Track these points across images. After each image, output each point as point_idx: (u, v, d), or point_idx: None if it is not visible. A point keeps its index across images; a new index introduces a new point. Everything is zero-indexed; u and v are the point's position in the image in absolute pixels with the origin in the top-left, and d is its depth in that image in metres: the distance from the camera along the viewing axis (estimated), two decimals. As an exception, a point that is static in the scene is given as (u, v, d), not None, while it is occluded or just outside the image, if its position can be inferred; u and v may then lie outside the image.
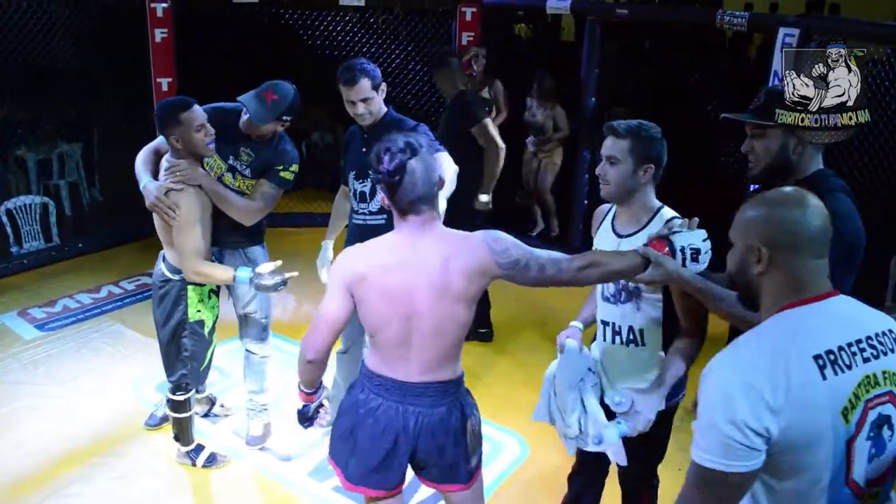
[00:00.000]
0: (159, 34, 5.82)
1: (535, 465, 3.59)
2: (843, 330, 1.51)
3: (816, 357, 1.45)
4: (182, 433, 3.45)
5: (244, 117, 3.24)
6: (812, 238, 1.53)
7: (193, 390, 3.44)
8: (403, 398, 2.22)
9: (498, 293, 5.51)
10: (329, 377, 3.73)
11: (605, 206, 2.59)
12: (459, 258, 2.11)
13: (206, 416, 3.83)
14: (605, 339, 2.54)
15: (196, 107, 3.05)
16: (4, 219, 5.56)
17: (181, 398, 3.36)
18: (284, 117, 3.21)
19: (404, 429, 2.23)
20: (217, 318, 3.35)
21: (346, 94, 3.15)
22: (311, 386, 2.40)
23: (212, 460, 3.48)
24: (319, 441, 3.68)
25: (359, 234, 3.32)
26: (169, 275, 3.21)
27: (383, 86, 3.19)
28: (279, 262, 3.17)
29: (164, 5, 5.79)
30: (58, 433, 3.68)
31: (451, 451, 2.28)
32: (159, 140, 3.30)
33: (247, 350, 3.62)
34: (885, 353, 1.53)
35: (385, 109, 3.24)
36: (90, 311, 5.00)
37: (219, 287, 3.37)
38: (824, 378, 1.44)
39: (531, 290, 5.26)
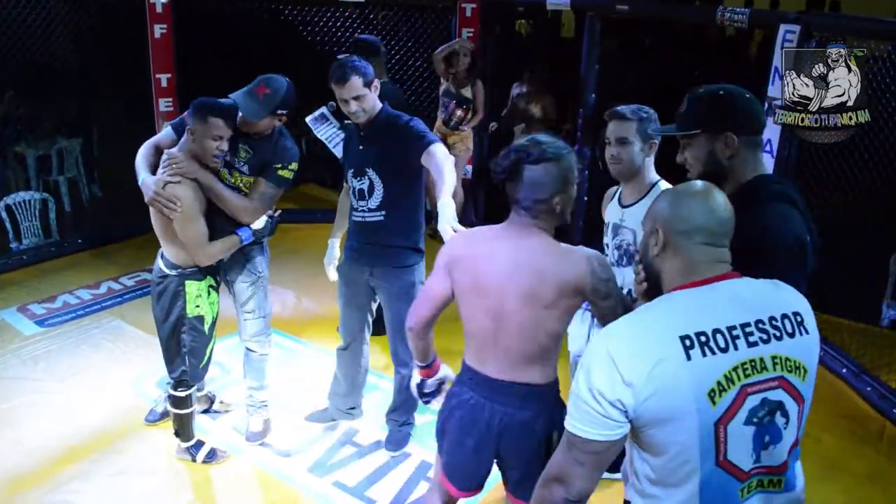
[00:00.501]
0: (158, 30, 5.82)
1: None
2: (729, 312, 1.51)
3: (683, 337, 1.46)
4: (183, 429, 3.45)
5: (241, 114, 3.20)
6: (706, 226, 1.56)
7: (195, 386, 3.44)
8: (491, 394, 2.21)
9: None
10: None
11: (615, 187, 2.92)
12: (557, 270, 2.07)
13: (205, 412, 3.82)
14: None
15: (228, 121, 3.04)
16: (4, 215, 5.55)
17: (182, 394, 3.37)
18: (279, 111, 3.17)
19: (488, 426, 2.21)
20: (217, 314, 3.35)
21: (339, 93, 3.12)
22: (421, 358, 2.43)
23: (212, 456, 3.49)
24: (319, 437, 3.69)
25: (358, 230, 3.32)
26: (167, 270, 3.21)
27: (376, 83, 3.16)
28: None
29: (164, 1, 5.78)
30: (57, 430, 3.67)
31: (533, 460, 2.17)
32: (160, 135, 3.31)
33: (246, 348, 3.62)
34: (780, 338, 1.52)
35: (380, 106, 3.21)
36: (90, 307, 4.99)
37: (219, 283, 3.37)
38: (689, 358, 1.45)
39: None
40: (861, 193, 4.43)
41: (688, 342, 1.46)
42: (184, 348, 3.28)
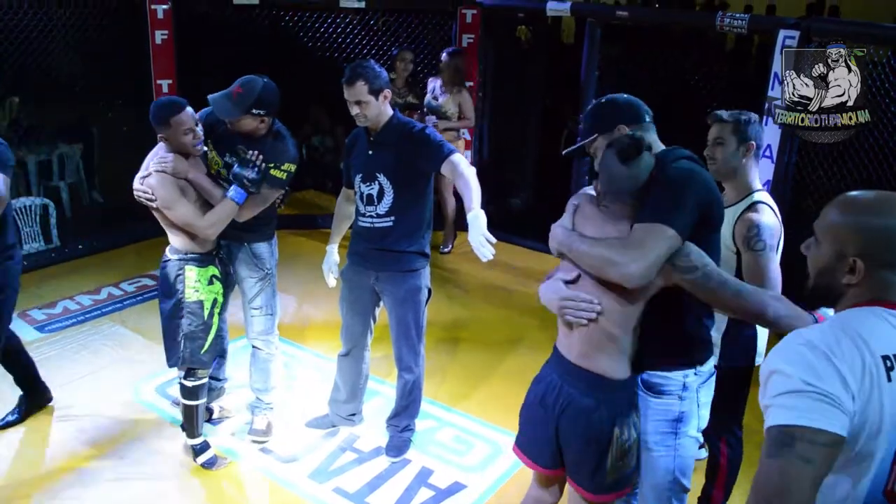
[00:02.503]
0: (160, 36, 5.83)
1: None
2: None
3: (885, 358, 1.38)
4: (189, 422, 3.44)
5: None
6: None
7: (205, 378, 3.42)
8: (564, 376, 2.31)
9: (500, 295, 5.53)
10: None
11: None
12: None
13: (207, 421, 3.82)
14: None
15: (186, 110, 3.14)
16: (4, 220, 5.54)
17: (190, 384, 3.36)
18: (255, 111, 3.20)
19: (553, 404, 2.31)
20: (221, 303, 3.37)
21: (345, 93, 3.16)
22: None
23: (211, 463, 3.48)
24: (320, 443, 3.68)
25: (365, 235, 3.32)
26: (169, 255, 3.29)
27: (386, 92, 3.16)
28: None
29: (165, 7, 5.80)
30: (57, 435, 3.67)
31: (587, 448, 2.27)
32: None
33: (253, 346, 3.64)
34: None
35: (390, 114, 3.22)
36: (90, 313, 4.99)
37: (225, 275, 3.40)
38: (889, 380, 1.36)
39: (533, 292, 5.25)
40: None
41: (888, 363, 1.38)
42: (181, 332, 3.30)
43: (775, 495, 1.30)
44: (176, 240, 3.27)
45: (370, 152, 3.24)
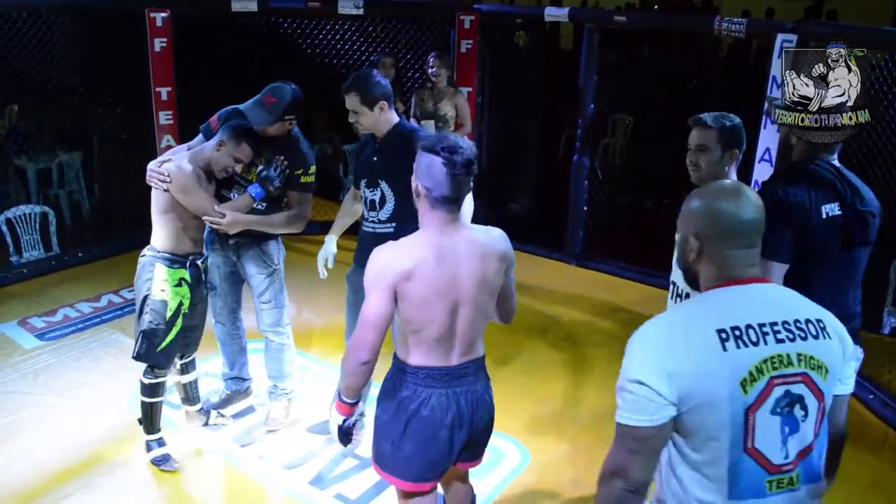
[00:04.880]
0: (158, 44, 5.83)
1: (537, 473, 3.58)
2: (759, 311, 1.64)
3: (720, 331, 1.59)
4: (146, 418, 3.48)
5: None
6: (741, 229, 1.67)
7: (164, 377, 3.45)
8: (450, 383, 2.34)
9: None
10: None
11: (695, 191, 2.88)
12: (490, 247, 2.31)
13: (205, 425, 3.82)
14: (671, 298, 2.76)
15: (253, 145, 3.31)
16: (4, 228, 5.55)
17: (147, 381, 3.42)
18: (287, 117, 3.35)
19: (459, 412, 2.35)
20: (186, 308, 3.38)
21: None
22: (356, 395, 2.37)
23: (162, 461, 3.49)
24: (321, 449, 3.68)
25: (368, 240, 3.34)
26: (145, 251, 3.38)
27: (382, 104, 3.19)
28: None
29: (164, 15, 5.81)
30: (58, 443, 3.66)
31: (490, 423, 2.49)
32: (193, 143, 3.55)
33: (266, 338, 3.75)
34: (805, 339, 1.64)
35: (393, 121, 3.26)
36: (90, 321, 4.99)
37: (198, 281, 3.42)
38: (725, 350, 1.58)
39: (532, 299, 5.25)
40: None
41: (724, 335, 1.59)
42: (141, 327, 3.34)
43: (614, 474, 1.63)
44: (156, 237, 3.35)
45: (374, 158, 3.29)
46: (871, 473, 3.63)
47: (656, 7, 15.45)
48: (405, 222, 3.24)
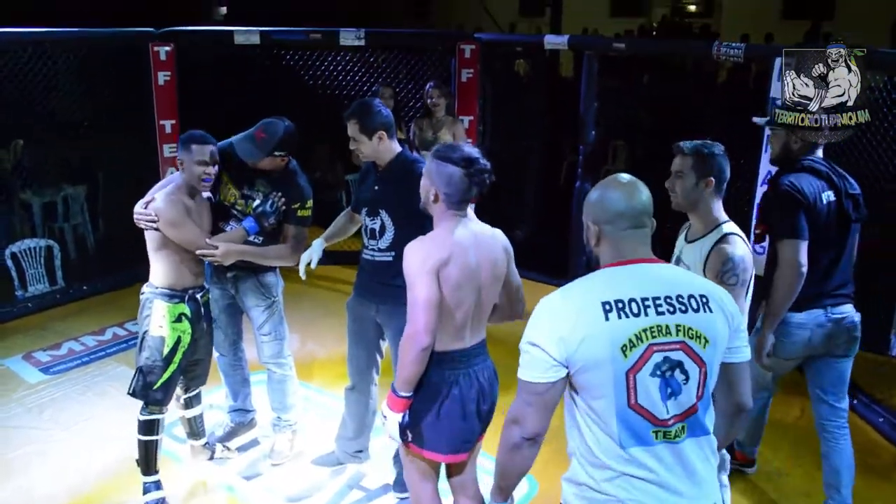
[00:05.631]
0: (162, 77, 5.89)
1: (544, 502, 3.55)
2: (643, 287, 1.86)
3: (604, 303, 1.82)
4: (142, 458, 3.41)
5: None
6: (625, 213, 1.91)
7: (160, 415, 3.39)
8: (469, 362, 2.60)
9: (501, 329, 5.49)
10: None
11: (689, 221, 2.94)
12: (496, 239, 2.64)
13: (210, 459, 3.80)
14: None
15: (211, 147, 3.30)
16: (9, 262, 5.57)
17: (143, 418, 3.37)
18: (276, 153, 3.37)
19: (481, 387, 2.62)
20: (186, 344, 3.36)
21: None
22: (412, 387, 2.54)
23: None
24: (326, 481, 3.65)
25: (367, 269, 3.35)
26: (144, 288, 3.37)
27: (381, 133, 3.20)
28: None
29: (167, 48, 5.87)
30: (64, 478, 3.64)
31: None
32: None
33: (268, 370, 3.76)
34: (686, 311, 1.85)
35: (395, 151, 3.27)
36: (95, 354, 4.99)
37: (198, 316, 3.40)
38: (607, 319, 1.81)
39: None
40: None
41: (607, 307, 1.82)
42: (138, 363, 3.33)
43: (514, 422, 1.92)
44: (154, 273, 3.34)
45: (376, 187, 3.30)
46: (882, 496, 3.60)
47: (654, 34, 15.59)
48: (404, 251, 3.24)
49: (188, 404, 3.65)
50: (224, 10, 13.90)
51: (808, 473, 3.73)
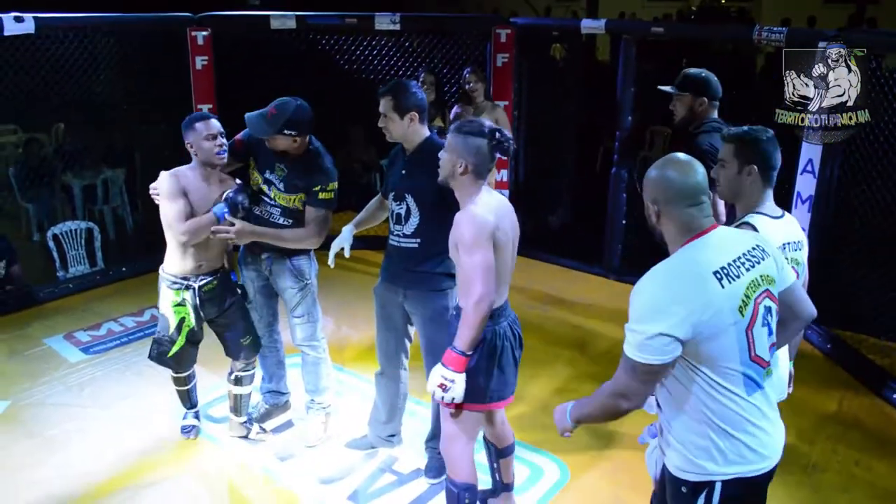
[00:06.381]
0: (200, 62, 5.95)
1: (577, 491, 3.54)
2: (729, 250, 2.03)
3: (715, 272, 1.96)
4: (179, 397, 3.90)
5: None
6: (683, 191, 2.01)
7: (184, 373, 3.78)
8: (506, 315, 2.88)
9: (536, 315, 5.49)
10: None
11: None
12: (510, 205, 2.88)
13: (244, 438, 3.85)
14: None
15: (213, 120, 3.41)
16: (51, 244, 5.68)
17: (172, 376, 3.82)
18: (286, 131, 3.36)
19: (515, 336, 2.91)
20: (190, 324, 3.56)
21: None
22: (474, 345, 2.73)
23: (186, 431, 3.87)
24: (359, 464, 3.68)
25: (393, 254, 3.35)
26: (160, 268, 3.61)
27: (413, 114, 3.19)
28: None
29: (205, 33, 5.92)
30: (102, 456, 3.72)
31: None
32: None
33: (302, 352, 3.79)
34: (758, 263, 2.07)
35: (424, 135, 3.26)
36: (134, 335, 5.08)
37: (201, 300, 3.54)
38: (723, 287, 1.95)
39: (570, 313, 5.19)
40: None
41: (718, 275, 1.96)
42: (154, 334, 3.68)
43: (621, 396, 2.04)
44: (165, 255, 3.55)
45: (403, 172, 3.28)
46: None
47: (693, 18, 15.33)
48: (429, 237, 3.23)
49: (238, 381, 3.75)
50: (260, -5, 13.95)
51: (845, 469, 3.68)
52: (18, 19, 4.94)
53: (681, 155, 2.09)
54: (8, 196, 6.98)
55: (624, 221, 6.01)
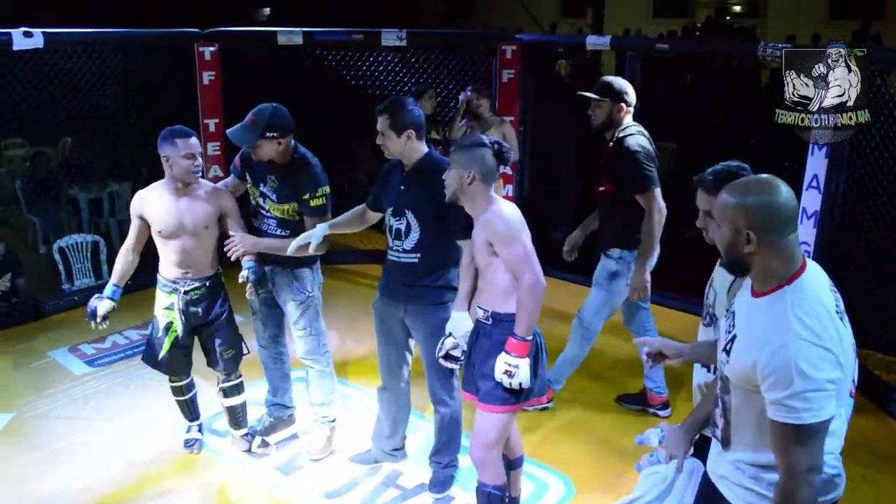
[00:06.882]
0: (207, 77, 5.98)
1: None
2: (825, 283, 1.88)
3: (837, 312, 1.83)
4: (180, 409, 3.89)
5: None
6: (789, 217, 1.81)
7: (178, 383, 3.79)
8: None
9: (542, 330, 5.45)
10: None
11: None
12: None
13: (247, 451, 3.84)
14: (703, 319, 2.50)
15: (193, 139, 3.49)
16: (57, 257, 5.70)
17: (169, 384, 3.81)
18: (269, 133, 3.39)
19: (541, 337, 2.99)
20: (177, 329, 3.61)
21: None
22: (531, 330, 2.84)
23: (189, 444, 3.85)
24: (363, 479, 3.67)
25: (393, 270, 3.35)
26: None
27: (409, 132, 3.20)
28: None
29: (212, 49, 5.96)
30: (107, 469, 3.72)
31: None
32: (227, 180, 3.77)
33: (306, 365, 3.77)
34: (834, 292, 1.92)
35: (422, 151, 3.27)
36: (138, 347, 5.06)
37: (186, 305, 3.63)
38: (845, 325, 1.83)
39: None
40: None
41: (839, 314, 1.83)
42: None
43: (813, 470, 1.76)
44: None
45: (402, 187, 3.28)
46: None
47: (698, 34, 15.39)
48: (430, 252, 3.24)
49: (226, 393, 3.73)
50: (267, 10, 14.06)
51: (851, 484, 3.65)
52: (28, 34, 4.98)
53: (767, 176, 1.88)
54: (15, 209, 7.01)
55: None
